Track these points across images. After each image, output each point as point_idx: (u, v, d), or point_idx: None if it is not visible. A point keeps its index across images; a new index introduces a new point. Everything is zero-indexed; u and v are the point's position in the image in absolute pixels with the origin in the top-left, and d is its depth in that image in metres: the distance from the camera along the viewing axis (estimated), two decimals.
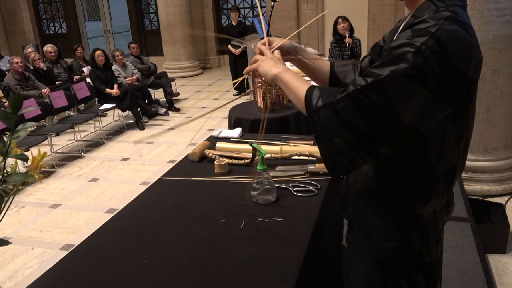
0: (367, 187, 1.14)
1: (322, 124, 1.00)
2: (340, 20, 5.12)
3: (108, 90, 6.18)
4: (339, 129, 0.97)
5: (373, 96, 0.93)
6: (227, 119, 3.60)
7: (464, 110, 1.00)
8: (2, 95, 6.19)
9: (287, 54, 1.31)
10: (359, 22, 8.46)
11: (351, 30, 5.13)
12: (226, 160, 1.91)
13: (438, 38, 0.90)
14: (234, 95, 7.70)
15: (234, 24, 7.60)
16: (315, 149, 1.89)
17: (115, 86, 6.24)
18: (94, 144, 5.67)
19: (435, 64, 0.90)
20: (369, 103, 0.93)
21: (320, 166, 1.80)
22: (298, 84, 1.10)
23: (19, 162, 0.97)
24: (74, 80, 7.04)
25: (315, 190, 1.64)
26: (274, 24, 8.51)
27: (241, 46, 6.56)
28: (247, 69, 1.23)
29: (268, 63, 1.17)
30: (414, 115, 0.93)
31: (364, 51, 5.24)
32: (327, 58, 5.82)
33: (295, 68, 1.37)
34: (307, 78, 1.33)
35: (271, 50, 1.24)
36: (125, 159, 5.04)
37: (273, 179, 1.62)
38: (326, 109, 0.98)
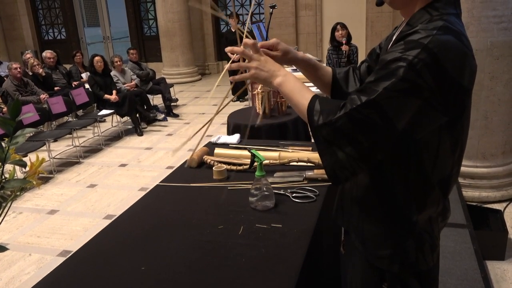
0: (362, 194, 1.15)
1: (325, 139, 1.02)
2: (338, 27, 5.15)
3: (106, 96, 6.18)
4: (341, 144, 1.00)
5: (369, 113, 0.95)
6: (226, 125, 3.61)
7: (459, 118, 1.01)
8: (1, 101, 6.18)
9: (295, 59, 1.27)
10: (357, 29, 8.51)
11: (349, 37, 5.16)
12: (225, 166, 1.91)
13: (430, 50, 0.91)
14: (232, 100, 7.71)
15: (233, 30, 7.63)
16: (313, 155, 1.89)
17: (114, 92, 6.25)
18: (92, 150, 5.66)
19: (428, 76, 0.91)
20: (366, 120, 0.96)
21: (318, 172, 1.80)
22: (299, 96, 1.10)
23: (17, 168, 0.97)
24: (73, 86, 7.04)
25: (313, 196, 1.64)
26: (273, 31, 8.55)
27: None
28: (237, 77, 1.17)
29: (264, 72, 1.14)
30: (409, 123, 0.95)
31: (362, 58, 5.25)
32: (325, 64, 5.84)
33: (299, 74, 1.37)
34: (309, 84, 1.34)
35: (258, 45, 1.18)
36: (123, 165, 5.04)
37: (272, 185, 1.62)
38: (327, 127, 1.01)
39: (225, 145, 2.27)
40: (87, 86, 6.58)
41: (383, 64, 0.96)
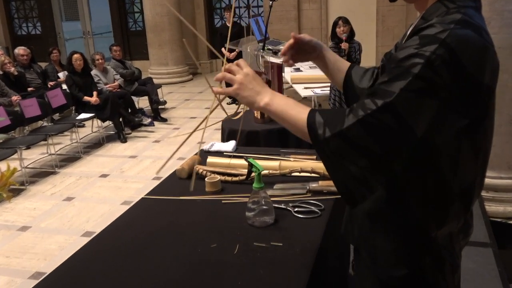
0: (374, 207, 1.15)
1: (333, 153, 1.02)
2: (340, 22, 5.17)
3: (86, 98, 6.19)
4: (353, 157, 1.00)
5: (385, 118, 0.96)
6: (220, 131, 3.61)
7: (481, 121, 1.01)
8: None
9: (313, 50, 1.37)
10: (367, 24, 8.55)
11: (351, 33, 5.19)
12: (218, 177, 1.90)
13: (448, 45, 0.92)
14: (228, 103, 7.73)
15: (229, 25, 7.67)
16: (318, 165, 1.89)
17: (95, 93, 6.26)
18: (69, 159, 5.65)
19: (445, 73, 0.92)
20: (382, 126, 0.96)
21: (324, 184, 1.80)
22: (293, 113, 1.11)
23: None
24: (49, 86, 7.05)
25: (318, 211, 1.64)
26: (273, 26, 8.59)
27: (236, 50, 6.61)
28: (219, 91, 1.23)
29: (247, 91, 1.16)
30: (426, 127, 0.96)
31: (368, 56, 5.28)
32: None
33: (306, 74, 1.43)
34: (311, 88, 1.38)
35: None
36: (104, 176, 5.03)
37: (271, 199, 1.62)
38: (337, 139, 1.01)
39: (219, 153, 2.27)
40: (64, 87, 6.59)
41: (397, 62, 0.97)
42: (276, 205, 1.65)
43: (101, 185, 4.78)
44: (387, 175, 1.02)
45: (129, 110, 6.57)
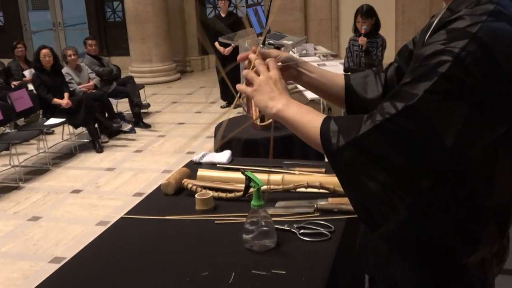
0: (394, 229, 1.15)
1: (348, 165, 1.02)
2: (359, 17, 5.16)
3: (56, 100, 6.20)
4: (371, 170, 1.00)
5: (407, 124, 0.96)
6: (212, 139, 3.62)
7: None
8: None
9: (286, 69, 1.34)
10: (385, 15, 8.57)
11: (376, 26, 5.19)
12: (211, 193, 1.90)
13: (480, 40, 0.93)
14: (222, 107, 7.75)
15: (223, 15, 7.70)
16: (327, 179, 1.90)
17: (66, 95, 6.27)
18: (36, 171, 5.65)
19: (478, 72, 0.93)
20: (403, 133, 0.97)
21: (334, 202, 1.80)
22: (306, 120, 1.12)
23: None
24: (12, 86, 7.06)
25: (327, 233, 1.64)
26: (275, 16, 8.63)
27: (231, 44, 6.64)
28: (241, 88, 1.25)
29: (263, 95, 1.19)
30: (456, 136, 0.95)
31: (386, 52, 5.29)
32: (343, 59, 5.91)
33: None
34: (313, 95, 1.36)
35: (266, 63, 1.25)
36: (76, 191, 5.02)
37: (272, 219, 1.62)
38: (351, 148, 1.01)
39: (211, 166, 2.27)
40: (30, 87, 6.59)
41: (421, 60, 0.98)
42: (278, 226, 1.65)
43: (72, 203, 4.77)
44: (413, 194, 1.01)
45: (106, 115, 6.58)
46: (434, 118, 0.95)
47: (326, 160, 1.10)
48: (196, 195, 1.89)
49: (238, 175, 2.00)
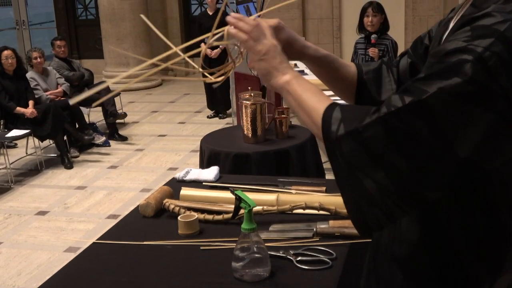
0: (408, 254, 1.15)
1: (346, 159, 1.02)
2: (370, 9, 5.04)
3: (19, 109, 6.18)
4: (368, 167, 1.00)
5: (414, 122, 0.96)
6: (198, 153, 3.62)
7: None
8: None
9: (303, 53, 1.34)
10: (394, 13, 8.65)
11: (384, 27, 5.11)
12: (196, 215, 1.90)
13: (508, 41, 0.93)
14: (208, 116, 7.76)
15: (210, 13, 7.73)
16: (328, 199, 1.90)
17: (31, 103, 6.25)
18: None
19: (503, 76, 0.93)
20: (409, 132, 0.96)
21: (336, 225, 1.80)
22: (313, 100, 1.12)
23: None
24: None
25: (328, 260, 1.64)
26: (269, 14, 8.67)
27: (219, 46, 6.65)
28: (231, 31, 1.27)
29: (271, 60, 1.19)
30: (474, 148, 0.95)
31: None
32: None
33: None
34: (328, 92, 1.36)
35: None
36: (42, 213, 4.99)
37: (266, 244, 1.62)
38: (350, 139, 1.01)
39: (196, 183, 2.27)
40: None
41: (440, 56, 0.98)
42: (272, 253, 1.65)
43: (38, 226, 4.74)
44: (416, 205, 1.02)
45: (77, 126, 6.57)
46: (445, 120, 0.94)
47: (326, 177, 1.11)
48: (179, 218, 1.89)
49: (227, 195, 2.01)
